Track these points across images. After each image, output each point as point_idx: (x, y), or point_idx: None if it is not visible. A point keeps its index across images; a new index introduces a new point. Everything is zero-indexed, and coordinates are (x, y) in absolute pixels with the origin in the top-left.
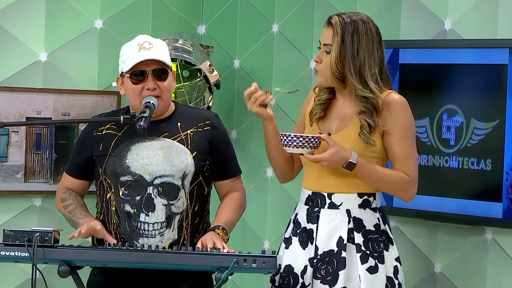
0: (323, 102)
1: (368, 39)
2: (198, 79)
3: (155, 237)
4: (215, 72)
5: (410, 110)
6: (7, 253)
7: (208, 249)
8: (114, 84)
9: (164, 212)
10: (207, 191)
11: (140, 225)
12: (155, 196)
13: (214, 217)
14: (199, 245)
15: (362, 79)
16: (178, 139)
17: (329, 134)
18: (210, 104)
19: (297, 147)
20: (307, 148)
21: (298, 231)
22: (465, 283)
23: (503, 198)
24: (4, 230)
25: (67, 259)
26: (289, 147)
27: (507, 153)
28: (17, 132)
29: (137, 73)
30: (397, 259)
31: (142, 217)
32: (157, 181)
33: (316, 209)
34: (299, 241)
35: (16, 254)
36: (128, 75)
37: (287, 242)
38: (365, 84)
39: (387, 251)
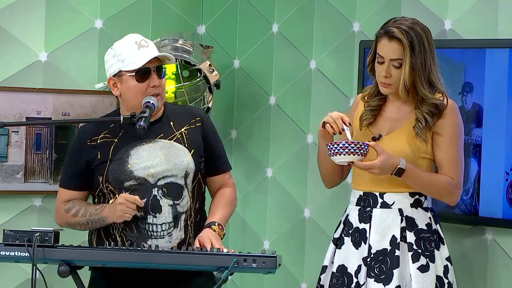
0: (374, 108)
1: (430, 47)
2: (198, 79)
3: (163, 237)
4: (215, 72)
5: (460, 115)
6: (7, 253)
7: (208, 249)
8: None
9: (170, 212)
10: (204, 188)
11: (148, 227)
12: (161, 197)
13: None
14: (197, 243)
15: (431, 87)
16: (175, 138)
17: (380, 136)
18: (210, 105)
19: (347, 154)
20: (358, 155)
21: (350, 231)
22: (465, 283)
23: (503, 198)
24: (4, 230)
25: (67, 259)
26: (339, 155)
27: (507, 153)
28: (17, 132)
29: (144, 71)
30: (448, 259)
31: (150, 219)
32: (161, 182)
33: (368, 209)
34: (351, 241)
35: (16, 254)
36: (133, 74)
37: (339, 242)
38: (435, 90)
39: (438, 250)
